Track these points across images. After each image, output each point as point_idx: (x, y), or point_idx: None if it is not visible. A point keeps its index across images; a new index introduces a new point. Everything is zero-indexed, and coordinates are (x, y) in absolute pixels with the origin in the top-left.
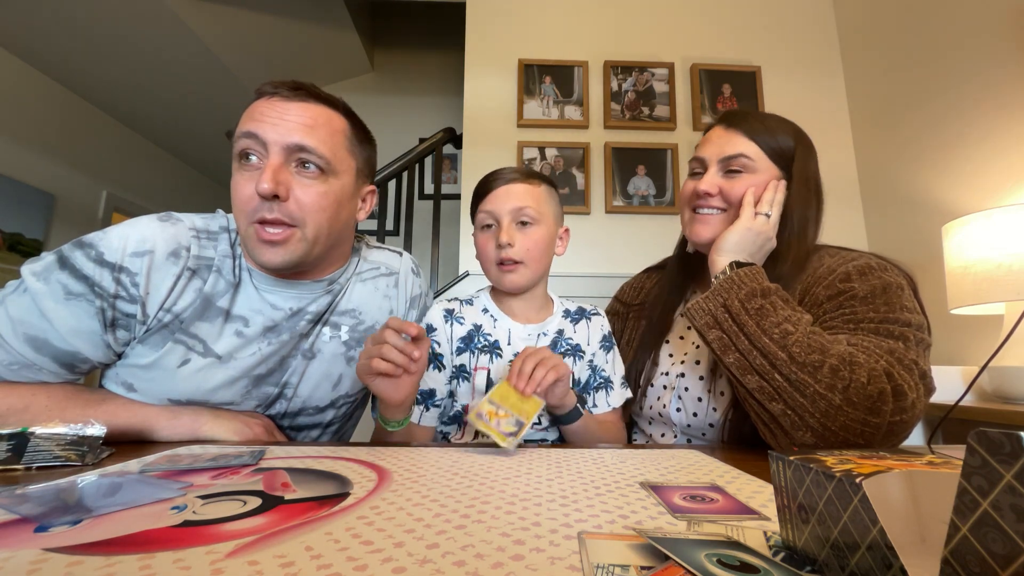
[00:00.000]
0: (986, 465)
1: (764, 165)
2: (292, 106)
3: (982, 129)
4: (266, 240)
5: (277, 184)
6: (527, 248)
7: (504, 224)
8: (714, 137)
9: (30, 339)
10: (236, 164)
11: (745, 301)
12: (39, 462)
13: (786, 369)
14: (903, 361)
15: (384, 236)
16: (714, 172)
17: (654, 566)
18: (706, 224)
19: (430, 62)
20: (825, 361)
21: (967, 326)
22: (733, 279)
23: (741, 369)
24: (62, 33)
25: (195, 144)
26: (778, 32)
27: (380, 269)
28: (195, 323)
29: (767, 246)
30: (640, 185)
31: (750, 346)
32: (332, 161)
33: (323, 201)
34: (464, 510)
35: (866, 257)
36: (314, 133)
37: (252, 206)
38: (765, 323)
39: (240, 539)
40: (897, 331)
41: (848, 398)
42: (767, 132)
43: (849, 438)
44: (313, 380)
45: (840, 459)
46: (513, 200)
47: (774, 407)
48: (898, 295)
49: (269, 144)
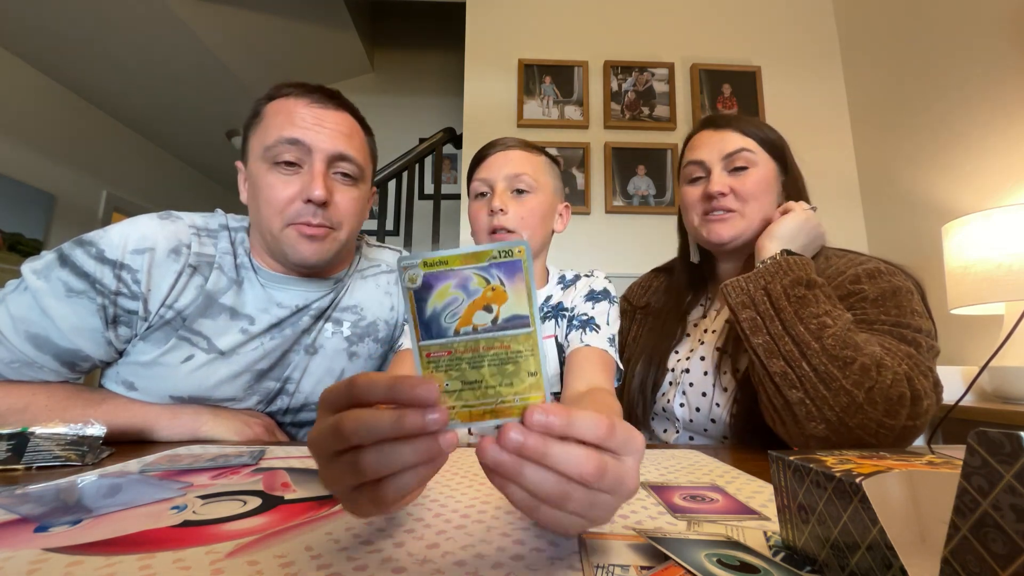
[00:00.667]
0: (986, 465)
1: (763, 158)
2: (329, 113)
3: (982, 129)
4: (308, 235)
5: (328, 191)
6: (521, 216)
7: (498, 190)
8: (706, 139)
9: (31, 337)
10: (268, 166)
11: (789, 288)
12: (39, 462)
13: (816, 360)
14: (920, 367)
15: (384, 236)
16: (719, 172)
17: (654, 566)
18: (725, 223)
19: (430, 62)
20: (857, 359)
21: (967, 326)
22: (781, 264)
23: (767, 352)
24: (63, 33)
25: (195, 144)
26: (778, 32)
27: (380, 266)
28: (198, 320)
29: (818, 240)
30: (640, 185)
31: (783, 331)
32: (363, 168)
33: (356, 206)
34: (464, 510)
35: (874, 261)
36: (352, 142)
37: (293, 208)
38: (804, 312)
39: (240, 539)
40: (910, 336)
41: (871, 398)
42: (755, 127)
43: (862, 436)
44: (315, 376)
45: (840, 459)
46: (509, 166)
47: (792, 394)
48: (908, 299)
49: (315, 151)
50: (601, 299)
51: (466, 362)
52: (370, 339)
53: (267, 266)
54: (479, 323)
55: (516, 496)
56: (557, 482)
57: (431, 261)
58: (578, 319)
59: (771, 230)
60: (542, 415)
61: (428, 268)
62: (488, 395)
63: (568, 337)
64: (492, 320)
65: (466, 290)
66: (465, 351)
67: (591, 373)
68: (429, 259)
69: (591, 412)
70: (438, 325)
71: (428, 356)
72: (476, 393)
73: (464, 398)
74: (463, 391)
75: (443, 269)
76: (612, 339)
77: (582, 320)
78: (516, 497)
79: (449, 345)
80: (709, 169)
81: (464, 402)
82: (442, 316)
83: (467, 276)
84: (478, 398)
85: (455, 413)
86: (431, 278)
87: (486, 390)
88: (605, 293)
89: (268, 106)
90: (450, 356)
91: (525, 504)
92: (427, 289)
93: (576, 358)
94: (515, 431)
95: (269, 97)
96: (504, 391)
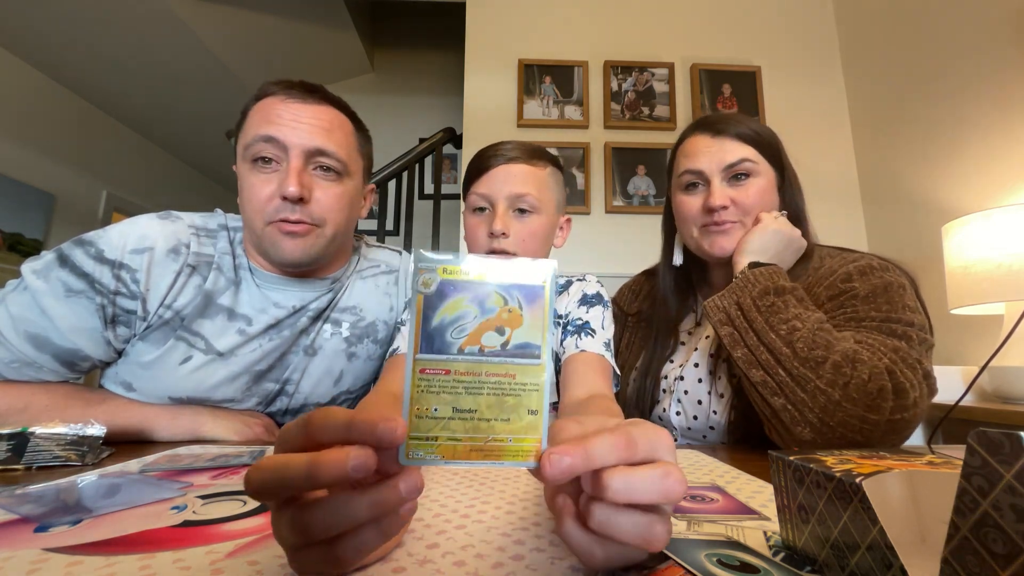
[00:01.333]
0: (986, 465)
1: (764, 167)
2: (307, 108)
3: (982, 129)
4: (288, 232)
5: (302, 187)
6: (523, 239)
7: (500, 211)
8: (703, 147)
9: (31, 337)
10: (249, 165)
11: (757, 298)
12: (39, 462)
13: (789, 364)
14: (907, 360)
15: (384, 236)
16: (719, 183)
17: (654, 565)
18: (727, 235)
19: (430, 62)
20: (828, 357)
21: (967, 326)
22: (748, 278)
23: (747, 363)
24: (62, 33)
25: (195, 144)
26: (778, 32)
27: (380, 267)
28: (197, 320)
29: (795, 244)
30: (640, 185)
31: (757, 342)
32: (347, 163)
33: (341, 202)
34: (464, 510)
35: (867, 258)
36: (332, 136)
37: (272, 207)
38: (774, 320)
39: (240, 539)
40: (900, 330)
41: (848, 394)
42: (753, 132)
43: (847, 434)
44: (315, 377)
45: (840, 459)
46: (512, 184)
47: (776, 401)
48: (900, 294)
49: (290, 147)
50: (595, 303)
51: (464, 386)
52: (369, 340)
53: (262, 267)
54: (487, 345)
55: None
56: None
57: (452, 268)
58: (573, 324)
59: (740, 245)
60: (560, 458)
61: (447, 275)
62: (479, 429)
63: (563, 343)
64: (502, 344)
65: (481, 306)
66: (466, 373)
67: (590, 379)
68: (450, 266)
69: (603, 432)
70: (441, 339)
71: (422, 372)
72: (466, 424)
73: (452, 428)
74: (452, 420)
75: (463, 279)
76: (608, 343)
77: (577, 325)
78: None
79: (449, 364)
80: (708, 180)
81: (451, 433)
82: (448, 330)
83: (486, 292)
84: (467, 431)
85: (436, 446)
86: (447, 286)
87: (478, 423)
88: (598, 297)
89: (252, 107)
90: (447, 376)
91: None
92: (440, 297)
93: (573, 364)
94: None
95: (255, 98)
96: (498, 427)
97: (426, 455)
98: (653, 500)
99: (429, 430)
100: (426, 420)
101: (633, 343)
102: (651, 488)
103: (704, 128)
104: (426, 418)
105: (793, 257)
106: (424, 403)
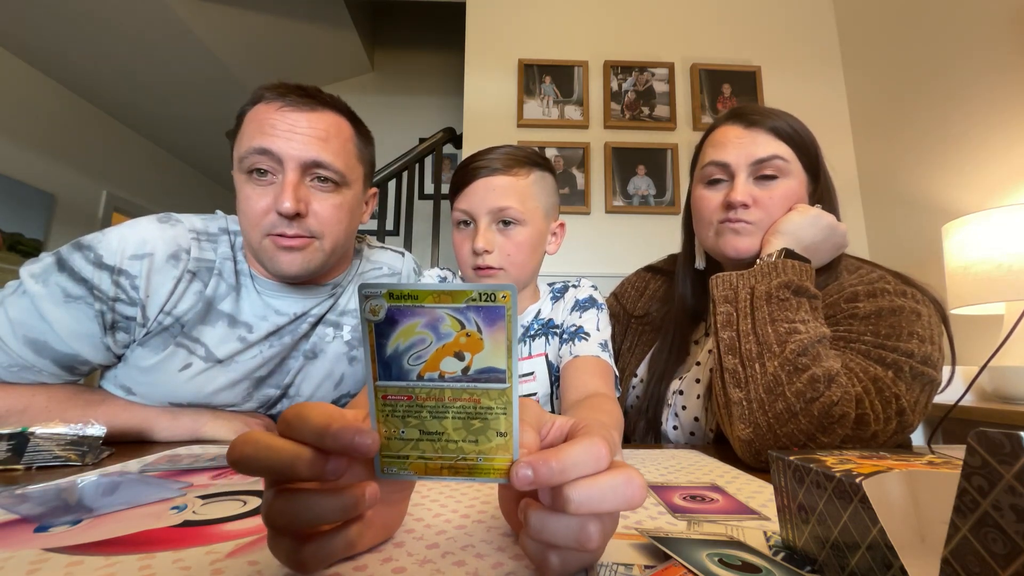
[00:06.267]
0: (986, 465)
1: (796, 168)
2: (302, 116)
3: (982, 129)
4: (285, 246)
5: (298, 202)
6: (508, 253)
7: (481, 227)
8: (733, 138)
9: (30, 341)
10: (245, 177)
11: (775, 289)
12: (39, 462)
13: (771, 362)
14: (883, 392)
15: (384, 236)
16: (744, 179)
17: (656, 565)
18: (741, 236)
19: (430, 62)
20: (811, 367)
21: (967, 326)
22: (776, 266)
23: (727, 348)
24: (63, 33)
25: (195, 144)
26: (778, 32)
27: (383, 269)
28: (197, 327)
29: (836, 239)
30: (640, 185)
31: (749, 330)
32: (346, 173)
33: (339, 213)
34: (464, 510)
35: (886, 279)
36: (328, 146)
37: (268, 220)
38: (779, 314)
39: (240, 539)
40: (891, 358)
41: (809, 410)
42: (791, 128)
43: (787, 445)
44: (316, 380)
45: (840, 459)
46: (493, 198)
47: (734, 393)
48: (910, 321)
49: (285, 160)
50: (588, 307)
51: (428, 410)
52: None
53: (262, 274)
54: (447, 370)
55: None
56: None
57: (398, 294)
58: (567, 332)
59: (777, 225)
60: (527, 470)
61: (394, 301)
62: (448, 449)
63: (560, 352)
64: (463, 369)
65: (436, 332)
66: (427, 399)
67: (587, 380)
68: (396, 291)
69: (579, 439)
70: (399, 366)
71: (385, 398)
72: (435, 446)
73: (421, 448)
74: (421, 441)
75: (411, 305)
76: (604, 344)
77: (571, 332)
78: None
79: (409, 390)
80: (733, 173)
81: (421, 452)
82: (404, 357)
83: (439, 316)
84: (437, 451)
85: (409, 463)
86: (396, 313)
87: (446, 444)
88: (591, 301)
89: (248, 113)
90: (410, 402)
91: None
92: (390, 324)
93: (569, 371)
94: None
95: (251, 102)
96: (467, 448)
97: (400, 471)
98: (616, 508)
99: (399, 449)
100: (395, 441)
101: (636, 347)
102: (612, 497)
103: (736, 118)
104: (395, 439)
105: (829, 254)
106: (391, 426)
